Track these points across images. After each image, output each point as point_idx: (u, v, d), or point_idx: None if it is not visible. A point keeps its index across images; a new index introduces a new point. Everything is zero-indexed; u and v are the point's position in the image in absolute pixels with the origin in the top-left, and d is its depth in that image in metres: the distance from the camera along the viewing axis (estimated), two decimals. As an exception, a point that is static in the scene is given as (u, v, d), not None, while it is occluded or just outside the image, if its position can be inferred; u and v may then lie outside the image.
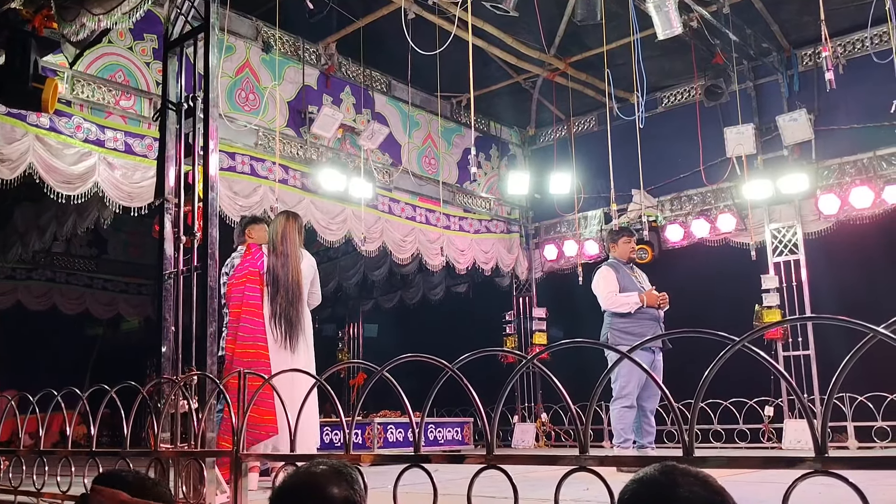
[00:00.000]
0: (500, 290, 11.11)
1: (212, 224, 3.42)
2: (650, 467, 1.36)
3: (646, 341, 2.38)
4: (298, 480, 1.63)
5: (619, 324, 5.68)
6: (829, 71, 5.18)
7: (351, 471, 1.65)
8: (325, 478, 1.59)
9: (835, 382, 1.58)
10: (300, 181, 8.10)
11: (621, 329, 5.65)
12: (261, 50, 7.79)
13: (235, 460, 2.81)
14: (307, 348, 5.04)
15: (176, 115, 3.68)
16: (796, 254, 8.50)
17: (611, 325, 5.72)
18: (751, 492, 3.51)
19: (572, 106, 10.01)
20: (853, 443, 7.76)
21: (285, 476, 1.68)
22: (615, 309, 5.69)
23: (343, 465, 1.66)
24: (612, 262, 6.01)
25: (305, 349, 4.99)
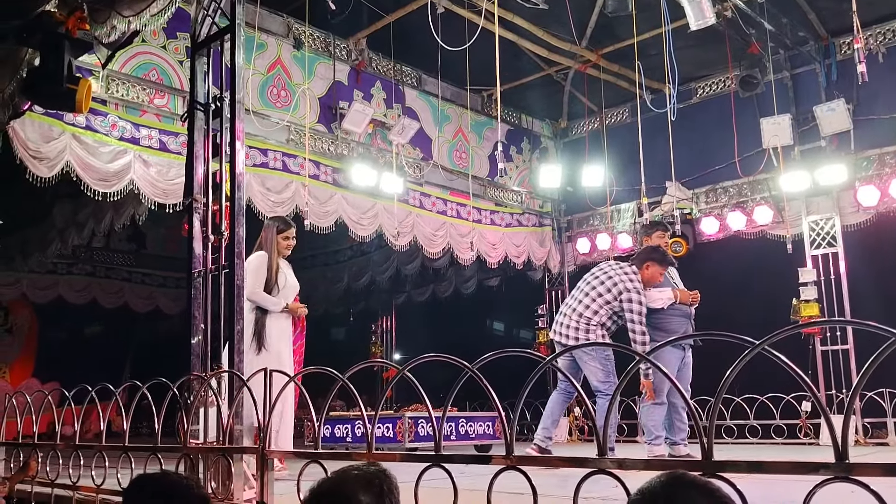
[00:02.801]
0: (533, 283, 11.08)
1: (238, 223, 3.47)
2: (657, 477, 1.35)
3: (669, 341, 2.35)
4: (330, 487, 1.64)
5: (651, 320, 5.58)
6: (862, 63, 5.02)
7: (384, 478, 1.64)
8: (357, 485, 1.60)
9: (854, 389, 1.55)
10: (331, 176, 8.15)
11: (653, 325, 5.57)
12: (292, 47, 7.84)
13: (261, 457, 2.85)
14: None
15: (204, 116, 3.73)
16: (834, 246, 8.32)
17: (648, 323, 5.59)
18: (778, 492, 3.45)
19: (604, 97, 9.90)
20: (893, 439, 7.59)
21: (318, 481, 1.68)
22: (648, 304, 5.60)
23: (376, 472, 1.65)
24: None
25: None
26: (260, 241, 5.24)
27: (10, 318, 13.56)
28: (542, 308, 10.93)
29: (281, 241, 5.19)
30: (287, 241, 5.24)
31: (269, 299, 5.05)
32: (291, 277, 5.28)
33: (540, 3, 6.96)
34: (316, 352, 12.03)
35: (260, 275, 5.04)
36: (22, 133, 5.81)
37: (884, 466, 1.56)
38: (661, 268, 5.76)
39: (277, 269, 5.14)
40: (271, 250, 5.13)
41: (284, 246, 5.23)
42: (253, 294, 4.96)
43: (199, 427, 3.49)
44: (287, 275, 5.22)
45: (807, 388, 1.71)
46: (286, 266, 5.29)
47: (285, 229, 5.25)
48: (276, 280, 5.11)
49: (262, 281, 5.04)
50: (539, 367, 2.23)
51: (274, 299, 5.06)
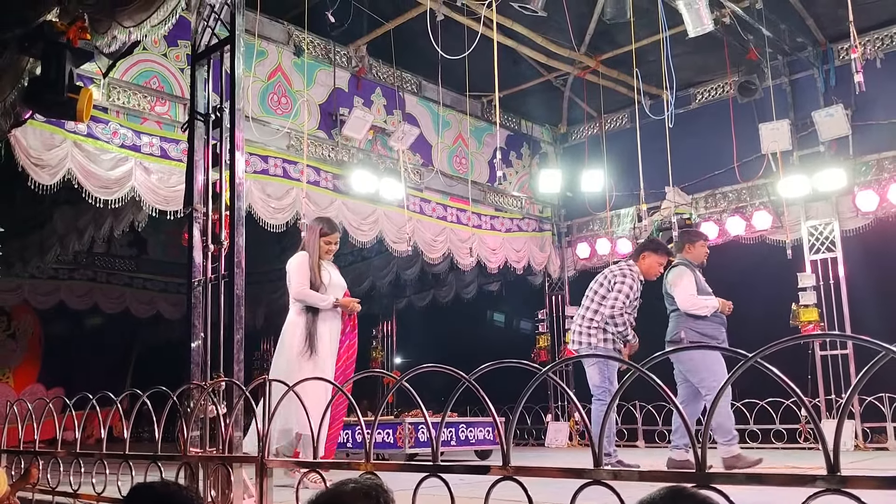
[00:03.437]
0: (533, 288, 11.10)
1: (238, 232, 3.49)
2: (658, 491, 1.36)
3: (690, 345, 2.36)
4: (328, 499, 1.65)
5: (697, 326, 5.50)
6: (859, 73, 5.05)
7: (381, 492, 1.66)
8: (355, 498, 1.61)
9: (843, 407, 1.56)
10: (332, 183, 8.18)
11: (699, 331, 5.48)
12: (292, 54, 7.88)
13: (261, 466, 2.87)
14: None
15: (204, 126, 3.76)
16: (833, 251, 8.34)
17: (686, 326, 5.51)
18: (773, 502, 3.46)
19: (604, 103, 9.93)
20: (892, 443, 7.60)
21: (315, 495, 1.70)
22: (695, 311, 5.50)
23: (373, 485, 1.67)
24: (686, 262, 5.74)
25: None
26: (303, 242, 5.15)
27: (13, 324, 13.60)
28: (542, 313, 10.95)
29: (323, 245, 5.02)
30: (329, 246, 5.06)
31: (317, 296, 4.87)
32: (337, 276, 5.10)
33: (539, 11, 6.97)
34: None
35: (303, 273, 4.90)
36: (24, 141, 5.85)
37: (876, 479, 1.58)
38: (659, 257, 5.90)
39: (320, 268, 4.96)
40: (313, 251, 4.98)
41: (325, 250, 5.05)
42: (299, 293, 4.87)
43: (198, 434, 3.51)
44: (332, 273, 5.05)
45: (799, 401, 1.73)
46: (330, 266, 5.12)
47: (329, 233, 5.07)
48: (320, 278, 4.92)
49: (306, 279, 4.89)
50: (536, 378, 2.25)
51: (322, 295, 4.88)
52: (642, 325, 6.14)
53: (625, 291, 5.81)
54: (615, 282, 5.88)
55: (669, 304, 5.71)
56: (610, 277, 5.95)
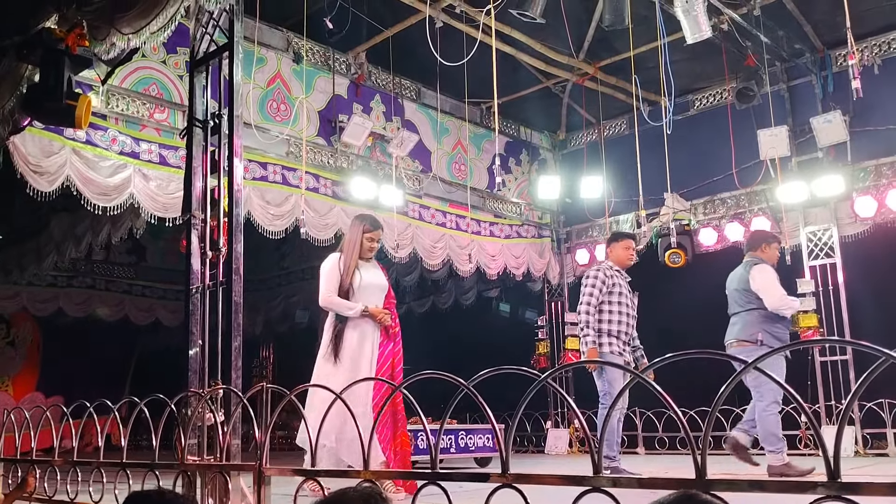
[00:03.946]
0: (532, 294, 11.10)
1: (236, 239, 3.48)
2: (668, 496, 1.36)
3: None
4: None
5: (775, 329, 5.45)
6: (856, 79, 5.06)
7: (379, 499, 1.65)
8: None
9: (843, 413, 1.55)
10: (331, 189, 8.18)
11: (776, 335, 5.44)
12: (292, 61, 7.89)
13: (258, 474, 2.86)
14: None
15: (202, 132, 3.76)
16: (832, 257, 8.34)
17: (764, 328, 5.43)
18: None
19: (603, 110, 9.95)
20: (892, 449, 7.58)
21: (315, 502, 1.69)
22: (784, 311, 5.46)
23: (372, 493, 1.66)
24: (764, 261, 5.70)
25: None
26: (342, 242, 4.93)
27: (13, 331, 13.57)
28: (542, 319, 10.94)
29: (366, 242, 4.75)
30: (371, 244, 4.80)
31: (344, 304, 4.59)
32: (375, 277, 4.80)
33: (537, 18, 6.99)
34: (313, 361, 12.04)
35: (331, 278, 4.66)
36: (22, 148, 5.85)
37: (877, 485, 1.57)
38: (620, 243, 6.08)
39: (354, 270, 4.68)
40: (352, 249, 4.71)
41: (368, 248, 4.78)
42: (324, 300, 4.66)
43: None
44: (364, 275, 4.72)
45: (798, 406, 1.72)
46: (370, 266, 4.84)
47: (372, 229, 4.81)
48: (350, 280, 4.64)
49: (334, 285, 4.64)
50: (534, 385, 2.24)
51: (349, 303, 4.59)
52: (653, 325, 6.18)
53: (587, 291, 5.87)
54: (582, 286, 6.03)
55: (742, 302, 5.57)
56: (582, 283, 6.10)
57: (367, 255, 4.79)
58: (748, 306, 5.50)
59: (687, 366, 2.60)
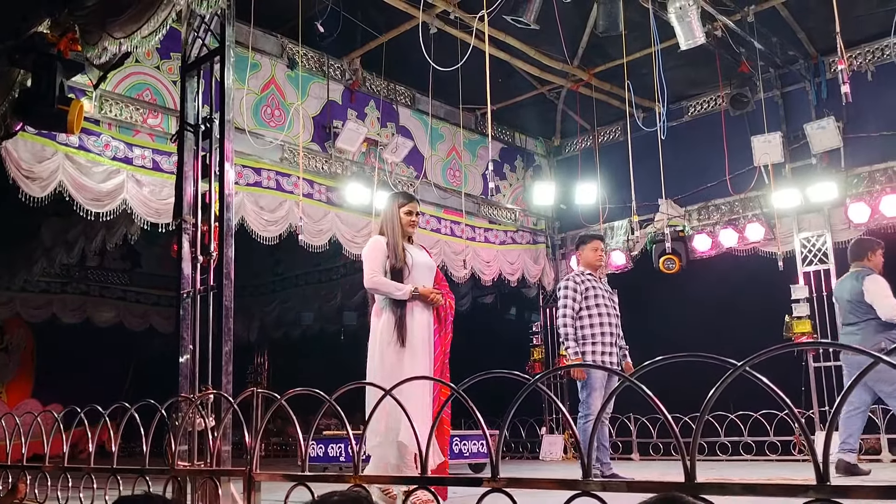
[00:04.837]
0: (527, 300, 11.09)
1: (227, 244, 3.47)
2: (651, 498, 1.35)
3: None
4: None
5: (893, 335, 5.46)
6: (846, 84, 5.08)
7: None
8: None
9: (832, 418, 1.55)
10: (325, 195, 8.17)
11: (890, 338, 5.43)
12: (286, 66, 7.89)
13: (248, 479, 2.84)
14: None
15: (194, 136, 3.75)
16: (826, 263, 8.35)
17: (885, 336, 5.44)
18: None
19: (597, 116, 9.97)
20: (886, 455, 7.58)
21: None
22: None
23: (358, 498, 1.65)
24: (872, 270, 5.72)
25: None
26: (380, 224, 4.54)
27: (6, 338, 13.50)
28: (537, 325, 10.93)
29: (404, 217, 4.40)
30: (410, 217, 4.43)
31: (392, 284, 4.18)
32: (422, 256, 4.46)
33: (531, 24, 7.00)
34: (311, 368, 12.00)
35: (374, 258, 4.26)
36: (15, 153, 5.83)
37: (864, 488, 1.57)
38: (590, 245, 6.08)
39: (404, 250, 4.31)
40: (392, 227, 4.35)
41: (408, 222, 4.42)
42: (370, 282, 4.24)
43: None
44: (413, 254, 4.36)
45: (789, 410, 1.71)
46: (414, 246, 4.51)
47: (407, 202, 4.48)
48: (403, 259, 4.25)
49: (379, 265, 4.24)
50: (524, 389, 2.23)
51: (398, 284, 4.19)
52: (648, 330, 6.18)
53: (561, 304, 5.91)
54: (557, 298, 6.05)
55: (859, 314, 5.60)
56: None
57: (408, 230, 4.45)
58: (866, 317, 5.57)
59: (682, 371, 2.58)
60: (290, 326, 13.65)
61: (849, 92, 5.04)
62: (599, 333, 5.78)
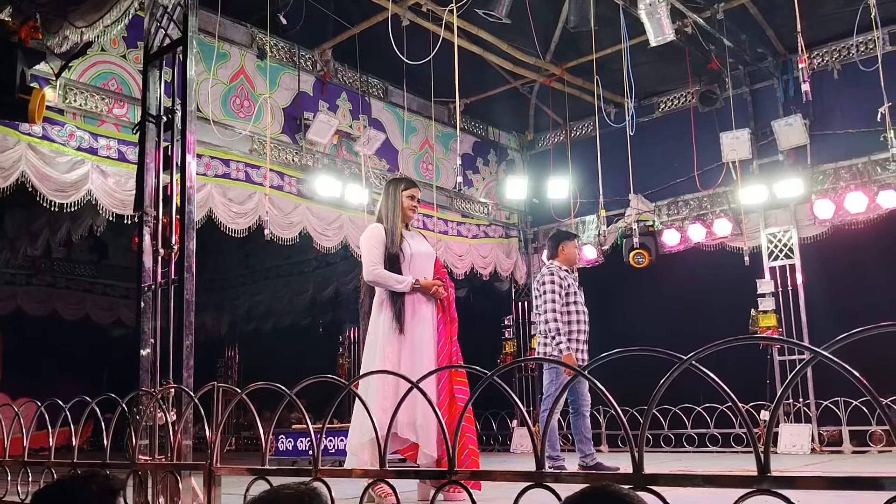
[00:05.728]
0: (500, 294, 11.13)
1: (189, 237, 3.44)
2: (581, 490, 1.37)
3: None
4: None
5: None
6: (806, 83, 5.16)
7: (314, 497, 1.64)
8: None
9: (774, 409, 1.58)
10: (296, 187, 8.12)
11: None
12: (256, 57, 7.82)
13: (209, 473, 2.83)
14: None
15: (155, 127, 3.71)
16: (791, 258, 8.48)
17: None
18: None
19: (569, 111, 10.00)
20: (848, 447, 7.73)
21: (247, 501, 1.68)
22: None
23: (307, 492, 1.65)
24: None
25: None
26: (378, 209, 4.46)
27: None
28: (509, 319, 10.97)
29: (406, 201, 4.30)
30: (412, 202, 4.35)
31: (391, 277, 4.09)
32: (422, 245, 4.37)
33: (503, 18, 7.01)
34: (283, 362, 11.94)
35: (375, 249, 4.16)
36: (-25, 143, 5.73)
37: (804, 479, 1.60)
38: (570, 243, 6.10)
39: (401, 237, 4.22)
40: (393, 212, 4.25)
41: (409, 207, 4.34)
42: (370, 274, 4.13)
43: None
44: (412, 243, 4.27)
45: (730, 401, 1.75)
46: (413, 233, 4.44)
47: (410, 186, 4.39)
48: (399, 246, 4.17)
49: (378, 256, 4.13)
50: (482, 382, 2.25)
51: (397, 276, 4.10)
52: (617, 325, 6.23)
53: (549, 298, 5.85)
54: (539, 292, 5.96)
55: None
56: (538, 287, 6.03)
57: (409, 216, 4.38)
58: None
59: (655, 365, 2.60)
60: (261, 320, 13.55)
61: (809, 90, 5.13)
62: (576, 331, 5.84)
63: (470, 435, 3.99)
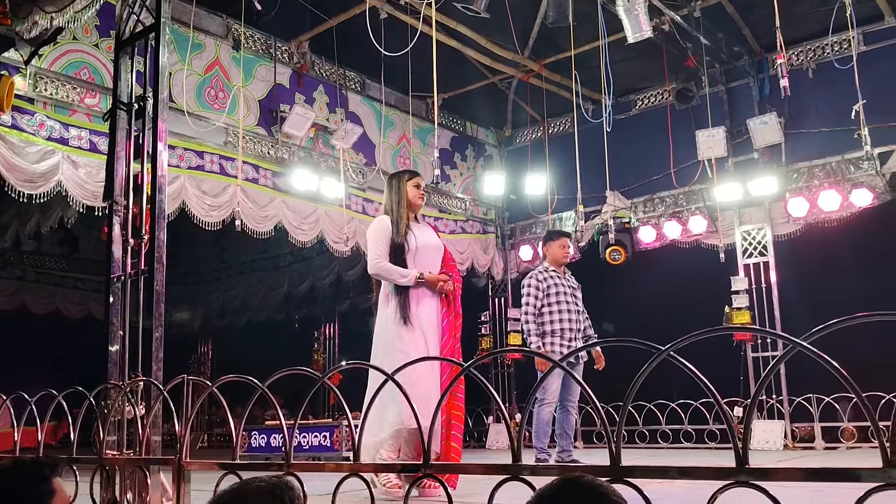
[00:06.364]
0: (476, 290, 11.10)
1: (159, 227, 3.37)
2: (554, 481, 1.35)
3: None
4: (229, 499, 1.59)
5: None
6: (784, 78, 5.21)
7: (286, 490, 1.60)
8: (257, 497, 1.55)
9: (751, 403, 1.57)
10: (271, 181, 8.04)
11: None
12: (231, 48, 7.72)
13: (178, 468, 2.77)
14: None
15: (127, 115, 3.62)
16: (766, 256, 8.55)
17: None
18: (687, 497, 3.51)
19: (547, 107, 10.00)
20: (820, 443, 7.82)
21: (217, 493, 1.63)
22: None
23: (279, 484, 1.61)
24: None
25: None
26: (384, 205, 4.38)
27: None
28: (485, 315, 10.96)
29: (412, 190, 4.23)
30: (419, 191, 4.28)
31: (396, 270, 4.04)
32: (428, 236, 4.28)
33: (482, 12, 6.97)
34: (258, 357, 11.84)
35: (381, 241, 4.11)
36: (-58, 131, 5.58)
37: (780, 471, 1.59)
38: (556, 242, 6.20)
39: (407, 227, 4.17)
40: (399, 203, 4.19)
41: (417, 196, 4.27)
42: (374, 267, 4.11)
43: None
44: (418, 235, 4.20)
45: (710, 394, 1.73)
46: (421, 225, 4.36)
47: (414, 175, 4.34)
48: (404, 237, 4.11)
49: (384, 249, 4.08)
50: (458, 374, 2.22)
51: (402, 270, 4.04)
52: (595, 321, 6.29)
53: (524, 301, 6.04)
54: (521, 294, 6.13)
55: None
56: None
57: (417, 205, 4.31)
58: None
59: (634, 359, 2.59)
60: (235, 315, 13.40)
61: (787, 85, 5.16)
62: (559, 329, 5.92)
63: (457, 433, 3.96)
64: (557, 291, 5.99)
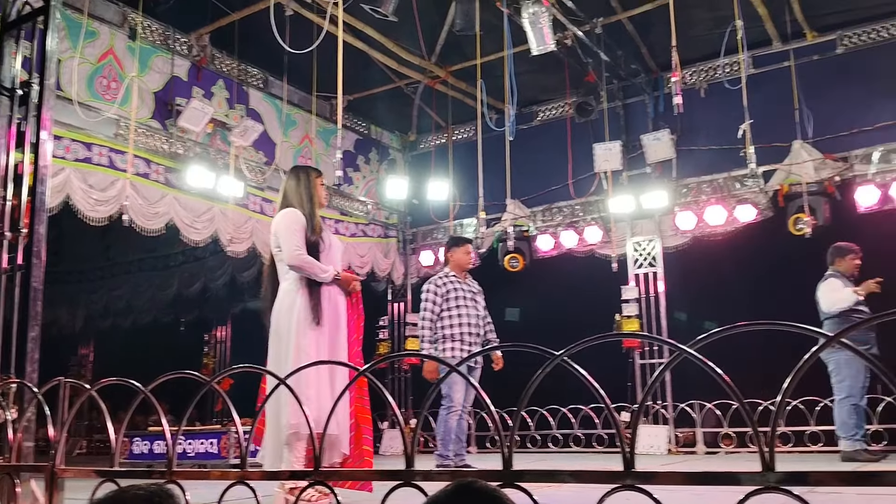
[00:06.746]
0: (376, 294, 11.04)
1: (40, 220, 3.16)
2: (447, 486, 1.34)
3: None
4: None
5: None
6: (678, 95, 5.47)
7: (165, 498, 1.53)
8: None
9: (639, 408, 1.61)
10: (164, 176, 7.73)
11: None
12: (127, 37, 7.38)
13: (51, 476, 2.60)
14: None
15: (9, 102, 3.39)
16: (655, 267, 8.92)
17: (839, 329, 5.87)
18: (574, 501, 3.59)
19: (452, 114, 10.09)
20: (701, 448, 8.20)
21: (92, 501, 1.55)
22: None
23: (158, 493, 1.54)
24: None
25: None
26: (285, 194, 4.13)
27: None
28: (384, 320, 10.91)
29: (321, 189, 4.11)
30: (325, 190, 4.21)
31: (317, 265, 3.89)
32: (332, 236, 4.16)
33: (389, 15, 6.96)
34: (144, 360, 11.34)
35: (297, 231, 3.90)
36: None
37: (665, 475, 1.65)
38: (461, 247, 6.24)
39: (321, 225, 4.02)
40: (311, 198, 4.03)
41: (325, 195, 4.20)
42: (295, 259, 3.86)
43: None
44: (324, 234, 4.07)
45: (601, 401, 1.77)
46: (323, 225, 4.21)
47: (320, 174, 4.19)
48: (319, 234, 3.96)
49: (302, 239, 3.88)
50: (351, 381, 2.18)
51: (322, 266, 3.91)
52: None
53: (422, 307, 6.09)
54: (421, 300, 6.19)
55: (819, 313, 6.33)
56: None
57: (323, 206, 4.20)
58: (823, 316, 6.29)
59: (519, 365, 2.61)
60: (120, 316, 12.73)
61: (680, 103, 5.39)
62: (459, 333, 5.97)
63: (367, 436, 3.93)
64: (458, 296, 6.03)
